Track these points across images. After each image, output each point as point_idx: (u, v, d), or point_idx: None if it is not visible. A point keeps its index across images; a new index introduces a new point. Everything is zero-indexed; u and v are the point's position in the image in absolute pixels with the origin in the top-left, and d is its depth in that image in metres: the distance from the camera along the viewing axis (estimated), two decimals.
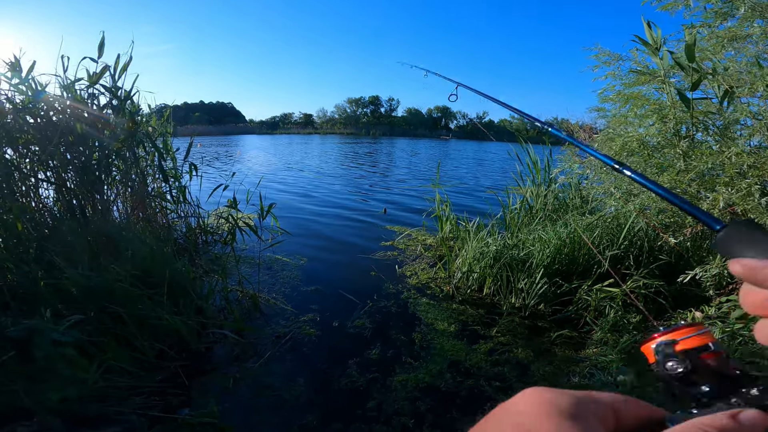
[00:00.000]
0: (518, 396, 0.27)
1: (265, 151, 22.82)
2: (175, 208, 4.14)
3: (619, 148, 2.98)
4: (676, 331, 0.40)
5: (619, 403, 0.28)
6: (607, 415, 0.26)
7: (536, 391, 0.27)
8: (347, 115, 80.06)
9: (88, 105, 2.92)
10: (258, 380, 2.24)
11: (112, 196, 3.17)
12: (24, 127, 2.54)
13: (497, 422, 0.27)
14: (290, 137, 50.86)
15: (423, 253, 4.34)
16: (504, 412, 0.27)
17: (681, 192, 2.69)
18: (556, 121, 7.74)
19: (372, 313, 3.02)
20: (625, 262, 3.02)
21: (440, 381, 2.28)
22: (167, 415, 1.83)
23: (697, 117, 2.53)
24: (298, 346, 2.59)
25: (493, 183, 10.75)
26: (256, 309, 3.01)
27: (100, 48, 2.81)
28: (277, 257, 4.08)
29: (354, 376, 2.30)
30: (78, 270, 2.26)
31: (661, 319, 2.69)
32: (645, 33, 2.60)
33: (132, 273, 2.44)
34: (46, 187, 2.80)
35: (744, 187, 2.17)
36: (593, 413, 0.26)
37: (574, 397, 0.26)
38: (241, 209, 3.37)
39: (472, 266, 3.40)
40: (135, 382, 2.00)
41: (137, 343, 2.16)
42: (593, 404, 0.26)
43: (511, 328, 2.84)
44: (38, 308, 1.88)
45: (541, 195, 4.28)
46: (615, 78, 3.06)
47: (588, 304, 2.83)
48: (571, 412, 0.25)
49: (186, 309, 2.52)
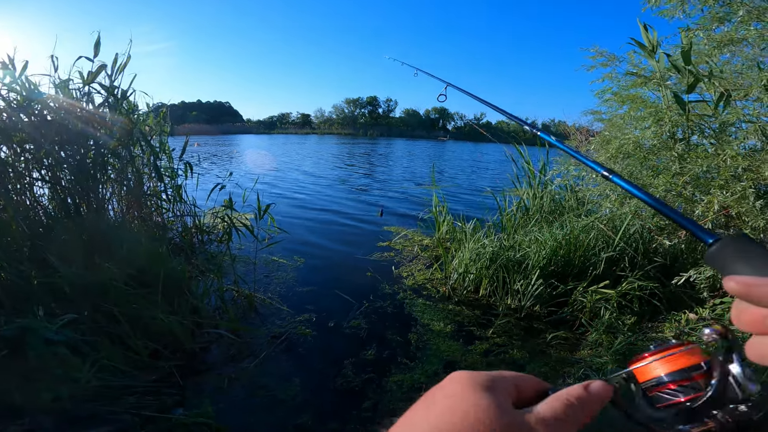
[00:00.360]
0: (446, 378, 0.35)
1: (261, 151, 22.77)
2: (170, 207, 4.12)
3: (615, 151, 2.99)
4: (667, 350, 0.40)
5: (518, 379, 0.35)
6: (511, 388, 0.34)
7: (460, 373, 0.35)
8: (345, 116, 79.99)
9: (83, 104, 2.90)
10: (253, 380, 2.23)
11: (107, 195, 3.15)
12: (18, 125, 2.53)
13: (431, 397, 0.34)
14: (287, 137, 50.83)
15: (419, 254, 4.34)
16: (435, 389, 0.35)
17: (676, 195, 2.71)
18: (552, 123, 7.80)
19: (368, 314, 3.02)
20: (621, 264, 3.03)
21: (436, 381, 2.22)
22: (161, 415, 1.81)
23: (692, 120, 2.54)
24: (293, 346, 2.59)
25: (490, 184, 10.76)
26: (252, 309, 3.00)
27: (96, 47, 2.80)
28: (274, 258, 4.07)
29: (350, 377, 2.30)
30: (72, 268, 2.25)
31: (656, 321, 2.70)
32: (642, 36, 2.61)
33: (127, 272, 2.42)
34: (40, 186, 2.78)
35: (738, 190, 2.18)
36: (502, 387, 0.33)
37: (488, 375, 0.34)
38: (238, 209, 3.36)
39: (469, 267, 3.40)
40: (128, 381, 1.99)
41: (131, 343, 2.15)
42: (502, 380, 0.34)
43: (507, 329, 2.84)
44: (31, 307, 1.87)
45: (537, 197, 4.29)
46: (612, 80, 3.08)
47: (583, 305, 2.84)
48: (486, 386, 0.32)
49: (181, 308, 2.51)
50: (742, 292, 0.30)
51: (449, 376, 0.35)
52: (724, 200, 2.25)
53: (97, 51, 2.81)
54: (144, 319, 2.28)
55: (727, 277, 0.31)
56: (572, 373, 2.32)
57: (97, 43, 2.79)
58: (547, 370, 2.39)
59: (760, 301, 0.29)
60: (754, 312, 0.30)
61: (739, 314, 0.31)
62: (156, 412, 1.83)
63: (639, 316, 2.73)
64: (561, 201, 4.25)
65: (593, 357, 2.41)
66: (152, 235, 3.37)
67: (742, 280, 0.30)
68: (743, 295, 0.30)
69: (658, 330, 2.61)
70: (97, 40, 2.79)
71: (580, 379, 1.49)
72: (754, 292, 0.29)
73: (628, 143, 2.87)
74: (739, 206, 2.21)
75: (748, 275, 0.30)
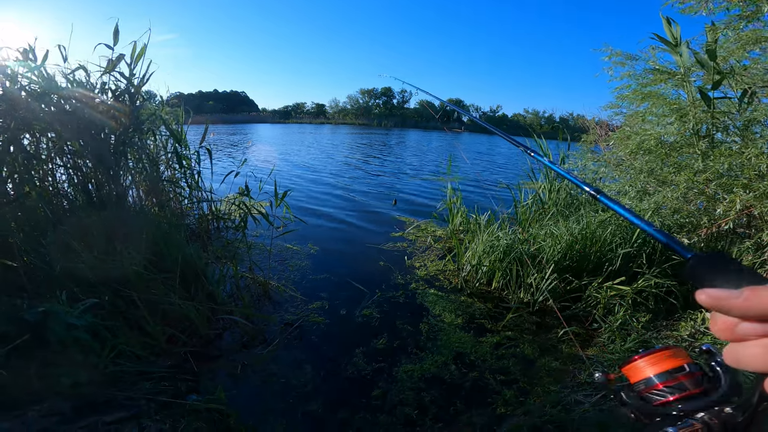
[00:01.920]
0: None
1: (276, 140, 22.87)
2: (188, 194, 4.18)
3: (635, 146, 2.93)
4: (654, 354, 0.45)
5: None
6: None
7: None
8: (359, 106, 79.63)
9: (102, 93, 2.94)
10: (265, 367, 2.27)
11: (127, 182, 3.20)
12: (40, 114, 2.58)
13: None
14: (302, 126, 50.87)
15: (432, 245, 4.34)
16: None
17: (698, 192, 2.65)
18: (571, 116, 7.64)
19: (380, 303, 3.04)
20: (638, 260, 2.98)
21: (445, 372, 2.29)
22: (175, 401, 1.86)
23: (717, 117, 2.47)
24: (306, 334, 2.62)
25: (505, 177, 10.65)
26: (266, 296, 3.05)
27: (115, 35, 2.82)
28: (288, 245, 4.11)
29: (360, 365, 2.33)
30: (93, 254, 2.30)
31: (671, 319, 2.66)
32: (664, 30, 2.54)
33: (146, 257, 2.48)
34: (62, 173, 2.84)
35: (762, 189, 2.12)
36: None
37: None
38: (254, 197, 3.40)
39: (482, 259, 3.39)
40: (145, 367, 2.04)
41: (149, 328, 2.20)
42: None
43: (519, 323, 2.84)
44: (54, 292, 1.92)
45: (553, 190, 4.24)
46: (631, 78, 3.01)
47: (597, 301, 2.81)
48: None
49: (197, 294, 2.56)
50: (712, 304, 0.32)
51: None
52: (747, 199, 2.20)
53: (117, 38, 2.83)
54: (162, 304, 2.33)
55: (698, 291, 0.33)
56: (583, 369, 2.30)
57: (116, 31, 2.81)
58: (558, 365, 2.39)
59: (729, 312, 0.31)
60: (725, 321, 0.32)
61: (714, 323, 0.33)
62: (171, 397, 1.88)
63: (654, 314, 2.69)
64: (578, 195, 4.19)
65: (605, 353, 2.39)
66: (170, 221, 3.43)
67: (713, 293, 0.32)
68: (714, 308, 0.32)
69: (673, 328, 2.57)
70: (115, 28, 2.81)
71: (590, 376, 1.51)
72: (723, 304, 0.31)
73: (649, 139, 2.81)
74: (762, 206, 2.16)
75: (721, 288, 0.32)
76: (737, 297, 0.31)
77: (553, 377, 2.29)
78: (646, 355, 0.46)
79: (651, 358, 0.45)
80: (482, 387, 2.20)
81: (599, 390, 2.06)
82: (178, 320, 2.37)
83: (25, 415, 1.51)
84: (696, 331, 2.45)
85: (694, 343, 2.38)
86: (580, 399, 2.03)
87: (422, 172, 11.30)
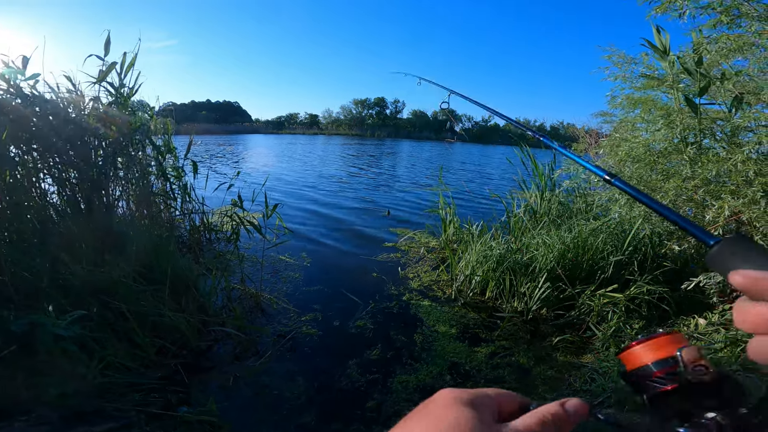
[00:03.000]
0: (436, 394, 0.38)
1: (269, 151, 22.86)
2: (178, 206, 4.15)
3: (624, 154, 2.96)
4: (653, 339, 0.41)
5: (501, 396, 0.38)
6: (493, 404, 0.37)
7: (447, 390, 0.37)
8: (353, 116, 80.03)
9: (92, 102, 2.93)
10: (258, 379, 2.24)
11: (116, 193, 3.18)
12: (28, 124, 2.55)
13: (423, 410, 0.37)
14: (295, 137, 50.94)
15: (426, 256, 4.33)
16: (426, 403, 0.37)
17: (687, 199, 2.68)
18: (561, 125, 7.76)
19: (374, 314, 3.02)
20: (630, 267, 3.00)
21: (440, 383, 2.27)
22: (166, 413, 1.83)
23: (704, 123, 2.51)
24: (298, 346, 2.59)
25: (497, 187, 10.71)
26: (258, 308, 3.02)
27: (106, 46, 2.82)
28: (281, 257, 4.08)
29: (354, 377, 2.30)
30: (82, 265, 2.27)
31: (664, 325, 2.67)
32: (654, 38, 2.59)
33: (135, 269, 2.45)
34: (50, 183, 2.81)
35: (749, 195, 2.15)
36: (485, 403, 0.36)
37: (472, 392, 0.37)
38: (246, 208, 3.38)
39: (475, 269, 3.39)
40: (134, 378, 2.00)
41: (138, 340, 2.16)
42: (485, 397, 0.37)
43: (513, 332, 2.83)
44: (41, 303, 1.89)
45: (545, 200, 4.27)
46: (625, 81, 3.05)
47: (591, 308, 2.81)
48: (470, 402, 0.35)
49: (188, 306, 2.52)
50: (749, 285, 0.31)
51: (438, 393, 0.38)
52: (735, 205, 2.22)
53: (108, 50, 2.83)
54: (152, 316, 2.30)
55: (733, 272, 0.32)
56: (578, 377, 2.30)
57: (107, 42, 2.82)
58: (553, 374, 2.38)
59: (765, 296, 0.30)
60: (760, 310, 0.30)
61: (744, 314, 0.32)
62: (161, 409, 1.84)
63: (647, 320, 2.70)
64: (569, 204, 4.23)
65: (599, 361, 2.39)
66: (160, 233, 3.40)
67: (749, 273, 0.31)
68: (750, 289, 0.31)
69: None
70: (107, 39, 2.81)
71: (586, 383, 1.50)
72: (761, 285, 0.30)
73: (637, 147, 2.84)
74: (750, 211, 2.18)
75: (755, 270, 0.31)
76: None
77: (548, 385, 2.28)
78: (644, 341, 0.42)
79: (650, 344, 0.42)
80: None
81: (596, 397, 2.05)
82: (168, 332, 2.34)
83: (11, 425, 1.48)
84: (690, 337, 2.46)
85: None
86: None
87: (415, 182, 11.34)
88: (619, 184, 0.63)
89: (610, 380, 2.17)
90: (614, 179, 0.65)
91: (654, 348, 0.41)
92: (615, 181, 0.65)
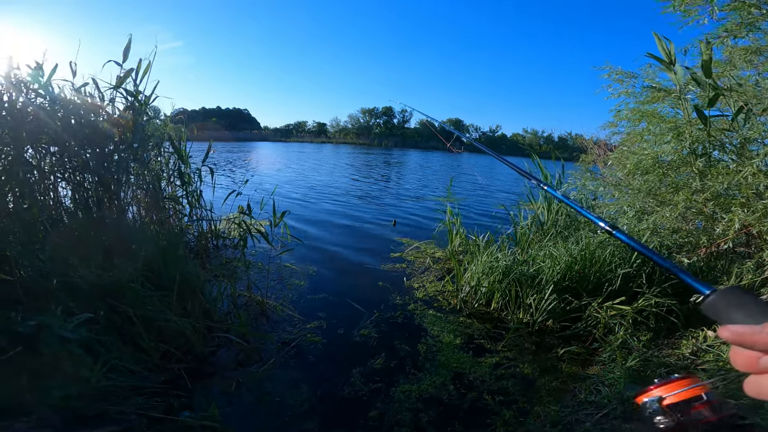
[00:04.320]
0: None
1: (278, 159, 23.03)
2: (189, 212, 4.19)
3: (632, 167, 2.95)
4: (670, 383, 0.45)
5: None
6: None
7: None
8: (360, 125, 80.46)
9: (108, 108, 2.98)
10: (261, 385, 2.23)
11: (128, 198, 3.21)
12: (45, 129, 2.60)
13: None
14: (303, 145, 51.27)
15: (431, 266, 4.32)
16: None
17: (696, 212, 2.65)
18: (570, 136, 7.68)
19: (378, 323, 3.01)
20: (638, 280, 2.96)
21: (443, 393, 2.25)
22: (168, 417, 1.83)
23: (714, 135, 2.49)
24: (302, 353, 2.59)
25: (505, 198, 10.68)
26: (263, 314, 3.02)
27: (125, 52, 2.86)
28: (286, 264, 4.09)
29: (357, 385, 2.29)
30: (91, 268, 2.29)
31: (672, 338, 2.63)
32: (657, 48, 2.58)
33: (143, 273, 2.46)
34: (63, 186, 2.85)
35: (760, 208, 2.13)
36: None
37: None
38: (254, 216, 3.40)
39: (481, 281, 3.37)
40: (138, 382, 2.01)
41: (143, 344, 2.17)
42: None
43: (518, 343, 2.80)
44: (49, 305, 1.91)
45: (552, 211, 4.25)
46: (629, 95, 3.05)
47: (597, 321, 2.78)
48: None
49: (194, 311, 2.53)
50: (736, 340, 0.34)
51: None
52: (746, 218, 2.20)
53: (126, 56, 2.87)
54: (158, 320, 2.31)
55: (721, 328, 0.36)
56: (583, 388, 2.27)
57: (126, 49, 2.87)
58: (558, 385, 2.35)
59: (752, 347, 0.33)
60: (747, 355, 0.34)
61: (735, 357, 0.35)
62: (163, 413, 1.84)
63: (655, 333, 2.66)
64: (577, 216, 4.20)
65: (606, 373, 2.36)
66: (169, 238, 3.43)
67: (735, 329, 0.34)
68: (737, 343, 0.35)
69: (674, 347, 2.54)
70: (127, 44, 2.85)
71: (592, 394, 1.50)
72: (746, 339, 0.34)
73: (646, 159, 2.83)
74: (761, 225, 2.16)
75: (742, 323, 0.34)
76: (760, 332, 0.33)
77: (553, 397, 2.25)
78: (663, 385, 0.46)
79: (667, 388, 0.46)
80: (481, 408, 2.16)
81: (601, 409, 2.03)
82: (173, 336, 2.34)
83: (13, 426, 1.48)
84: (698, 349, 2.42)
85: (696, 361, 2.35)
86: (581, 418, 1.99)
87: (422, 192, 11.35)
88: (621, 236, 0.67)
89: (616, 391, 2.14)
90: (615, 231, 0.70)
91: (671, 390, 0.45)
92: (616, 233, 0.69)
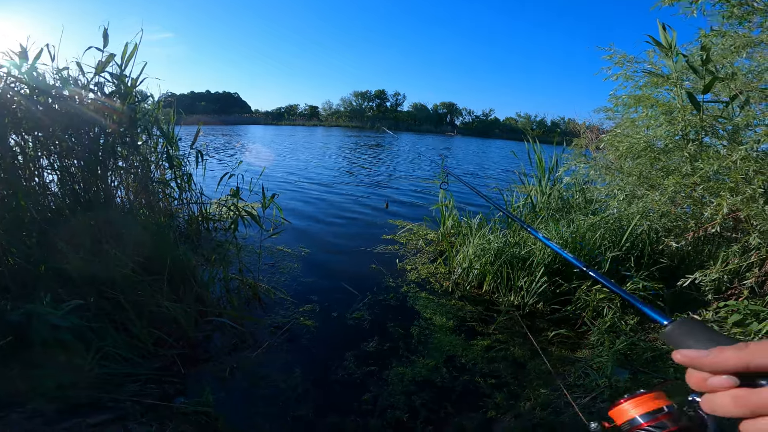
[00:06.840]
0: None
1: (269, 141, 22.76)
2: (179, 195, 4.14)
3: (625, 150, 2.96)
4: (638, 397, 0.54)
5: None
6: None
7: None
8: (353, 109, 79.60)
9: (92, 93, 2.91)
10: (255, 370, 2.24)
11: (115, 182, 3.16)
12: (28, 114, 2.54)
13: None
14: (294, 128, 50.67)
15: (424, 248, 4.34)
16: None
17: (686, 196, 2.68)
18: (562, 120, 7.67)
19: (371, 306, 3.03)
20: (626, 264, 3.00)
21: (436, 375, 2.28)
22: (162, 403, 1.83)
23: (706, 121, 2.50)
24: (296, 337, 2.60)
25: (497, 182, 10.70)
26: (256, 298, 3.02)
27: (105, 38, 2.80)
28: (279, 247, 4.08)
29: (351, 369, 2.31)
30: (80, 255, 2.27)
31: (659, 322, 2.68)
32: (659, 35, 2.57)
33: (133, 259, 2.44)
34: (50, 172, 2.80)
35: (748, 192, 2.15)
36: None
37: None
38: (244, 198, 3.37)
39: (473, 263, 3.40)
40: (131, 369, 2.01)
41: (135, 330, 2.17)
42: None
43: (509, 326, 2.84)
44: (38, 292, 1.89)
45: (545, 194, 4.27)
46: (627, 79, 3.03)
47: (587, 304, 2.82)
48: None
49: (186, 296, 2.52)
50: (686, 362, 0.39)
51: None
52: (734, 202, 2.22)
53: (106, 41, 2.81)
54: (149, 306, 2.30)
55: (674, 352, 0.40)
56: (572, 372, 2.31)
57: (105, 34, 2.80)
58: (548, 368, 2.39)
59: (700, 369, 0.38)
60: (698, 376, 0.38)
61: (689, 378, 0.40)
62: (157, 400, 1.85)
63: (642, 316, 2.71)
64: (569, 199, 4.22)
65: (594, 356, 2.40)
66: (159, 222, 3.39)
67: (686, 353, 0.39)
68: (687, 365, 0.39)
69: (661, 330, 2.59)
70: (104, 32, 2.79)
71: (580, 378, 1.52)
72: (694, 362, 0.38)
73: (638, 143, 2.83)
74: (749, 209, 2.18)
75: (694, 349, 0.39)
76: (706, 356, 0.37)
77: (543, 380, 2.29)
78: (631, 398, 0.53)
79: (635, 401, 0.53)
80: (473, 390, 2.20)
81: (589, 392, 2.07)
82: (165, 322, 2.34)
83: (7, 416, 1.48)
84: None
85: None
86: (570, 401, 2.03)
87: (415, 174, 11.32)
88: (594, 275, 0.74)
89: (603, 375, 2.18)
90: (589, 269, 0.77)
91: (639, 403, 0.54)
92: (590, 271, 0.76)
